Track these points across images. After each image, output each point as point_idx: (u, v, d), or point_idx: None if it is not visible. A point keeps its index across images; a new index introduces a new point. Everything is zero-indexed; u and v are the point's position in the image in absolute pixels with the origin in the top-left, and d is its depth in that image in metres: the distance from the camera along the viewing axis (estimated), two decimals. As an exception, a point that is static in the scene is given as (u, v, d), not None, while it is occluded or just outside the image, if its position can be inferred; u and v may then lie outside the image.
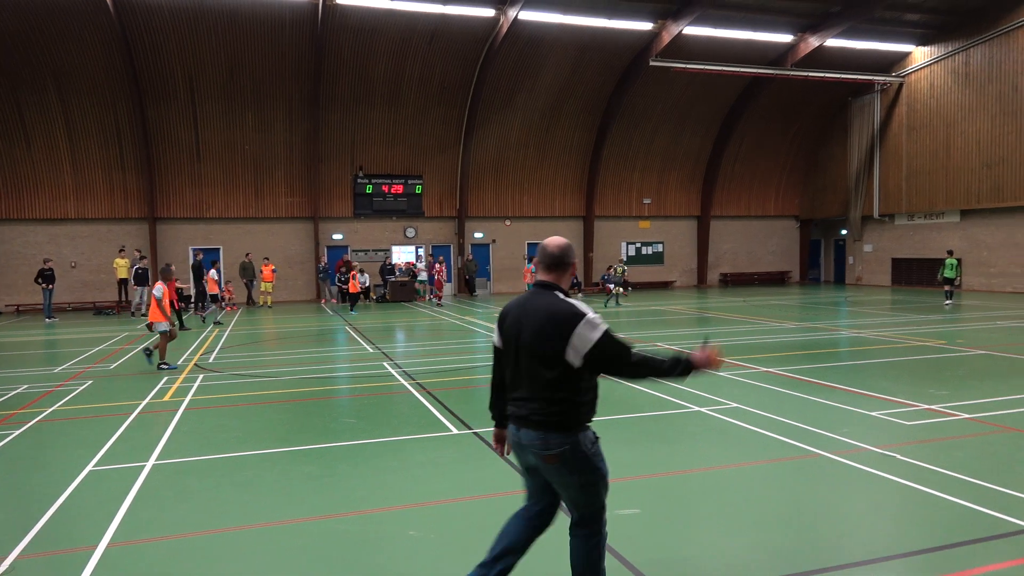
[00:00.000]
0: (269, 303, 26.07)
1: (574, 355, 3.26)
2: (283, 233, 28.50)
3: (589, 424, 3.44)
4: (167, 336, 12.13)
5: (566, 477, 3.39)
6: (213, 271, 21.55)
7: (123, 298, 24.96)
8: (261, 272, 26.48)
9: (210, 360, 13.13)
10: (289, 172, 27.99)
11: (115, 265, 24.68)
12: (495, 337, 3.64)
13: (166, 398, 9.68)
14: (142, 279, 22.83)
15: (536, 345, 3.34)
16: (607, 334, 3.25)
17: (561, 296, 3.39)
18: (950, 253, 22.72)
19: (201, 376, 11.37)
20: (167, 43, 24.15)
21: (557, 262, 3.47)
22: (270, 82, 25.98)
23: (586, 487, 3.42)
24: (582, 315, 3.25)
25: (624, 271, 28.25)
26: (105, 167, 26.04)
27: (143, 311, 22.91)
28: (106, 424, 8.20)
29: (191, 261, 25.57)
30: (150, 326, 12.10)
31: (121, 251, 25.01)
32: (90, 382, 11.05)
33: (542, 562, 4.42)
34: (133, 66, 24.26)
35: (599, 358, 3.26)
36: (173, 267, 13.13)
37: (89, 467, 6.54)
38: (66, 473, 6.35)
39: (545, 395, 3.33)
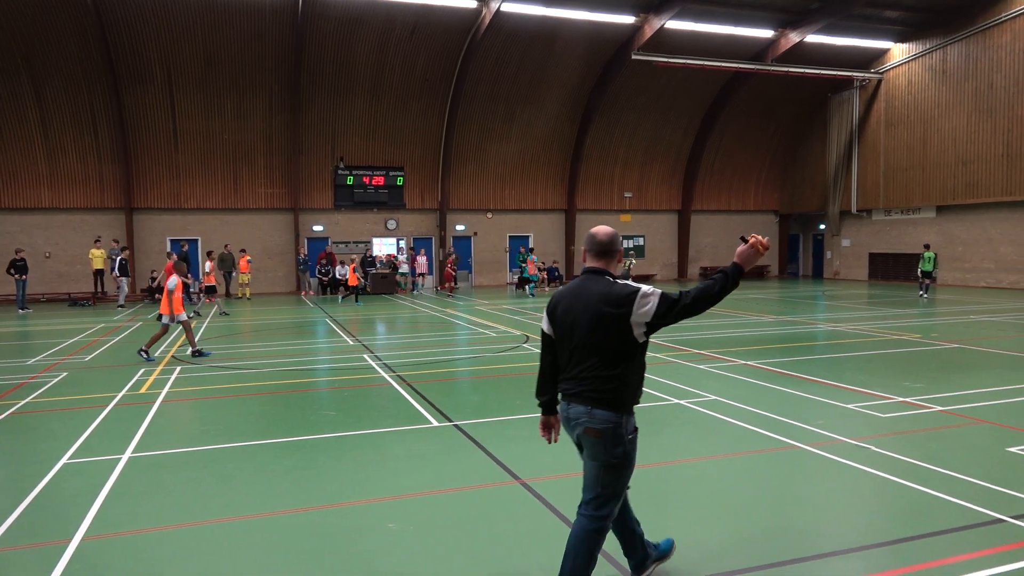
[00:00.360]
0: (248, 295, 25.85)
1: (638, 329, 3.48)
2: (262, 224, 28.23)
3: (633, 411, 3.63)
4: (165, 328, 12.36)
5: (600, 454, 3.57)
6: (210, 262, 21.61)
7: (99, 289, 24.61)
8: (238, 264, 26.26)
9: (187, 352, 12.98)
10: (269, 163, 27.72)
11: (91, 256, 24.31)
12: (544, 325, 3.80)
13: (143, 390, 9.57)
14: (124, 270, 22.63)
15: (593, 327, 3.52)
16: (662, 296, 3.47)
17: (612, 279, 3.60)
18: (927, 247, 23.13)
19: (179, 368, 11.25)
20: (144, 29, 23.78)
21: (606, 249, 3.68)
22: (250, 71, 25.69)
23: (613, 469, 3.57)
24: (636, 290, 3.49)
25: (631, 264, 27.85)
26: (80, 155, 25.62)
27: (121, 302, 22.68)
28: (81, 416, 8.10)
29: (176, 253, 25.17)
30: (160, 317, 12.42)
31: (97, 241, 24.64)
32: (65, 374, 10.90)
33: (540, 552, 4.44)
34: (109, 52, 23.87)
35: (662, 319, 3.47)
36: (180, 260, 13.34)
37: (63, 460, 6.46)
38: (40, 466, 6.26)
39: (598, 375, 3.53)
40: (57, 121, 24.98)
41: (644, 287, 3.50)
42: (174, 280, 12.28)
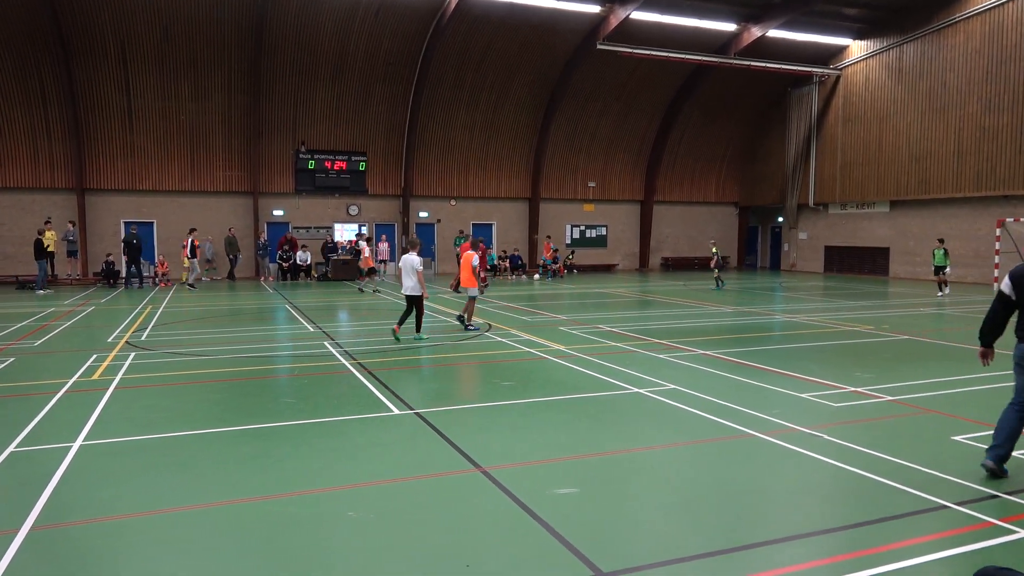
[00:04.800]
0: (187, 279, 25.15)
1: None
2: (221, 208, 27.64)
3: None
4: (475, 300, 13.74)
5: None
6: (366, 245, 22.28)
7: (49, 272, 23.84)
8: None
9: (142, 338, 12.71)
10: (228, 144, 27.12)
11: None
12: (1006, 289, 5.45)
13: (95, 377, 9.34)
14: (194, 251, 23.53)
15: None
16: None
17: None
18: (941, 241, 22.40)
19: (133, 354, 10.99)
20: (96, 1, 22.96)
21: None
22: (208, 48, 25.05)
23: None
24: None
25: (716, 252, 24.06)
26: (29, 133, 24.73)
27: (190, 281, 23.39)
28: (29, 403, 7.86)
29: (123, 235, 24.59)
30: (456, 288, 14.31)
31: (47, 223, 23.86)
32: (12, 359, 10.57)
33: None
34: (59, 25, 23.03)
35: None
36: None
37: (10, 448, 6.27)
38: (-14, 454, 6.08)
39: None
40: (4, 97, 24.04)
41: None
42: (476, 258, 13.70)
